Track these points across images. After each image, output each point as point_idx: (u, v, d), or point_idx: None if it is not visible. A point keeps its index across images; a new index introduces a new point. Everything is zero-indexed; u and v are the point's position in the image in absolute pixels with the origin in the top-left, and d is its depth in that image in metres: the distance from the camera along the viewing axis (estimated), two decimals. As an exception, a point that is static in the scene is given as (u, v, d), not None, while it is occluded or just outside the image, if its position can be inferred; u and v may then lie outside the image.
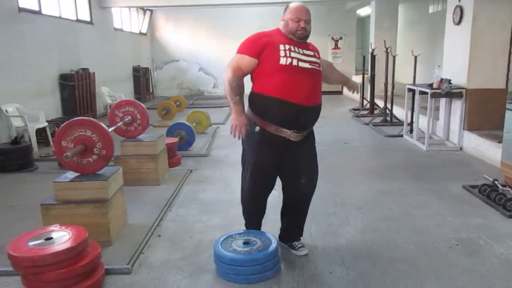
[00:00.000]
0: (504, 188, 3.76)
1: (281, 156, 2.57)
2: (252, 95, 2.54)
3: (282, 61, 2.41)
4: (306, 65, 2.46)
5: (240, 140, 2.58)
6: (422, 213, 3.45)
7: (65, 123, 2.92)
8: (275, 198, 2.99)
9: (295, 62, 2.42)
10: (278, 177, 2.71)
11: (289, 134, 2.48)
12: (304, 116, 2.48)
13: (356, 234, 3.08)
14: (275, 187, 2.74)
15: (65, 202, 2.84)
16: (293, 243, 2.82)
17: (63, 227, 2.45)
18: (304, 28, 2.49)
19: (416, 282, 2.42)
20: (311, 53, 2.54)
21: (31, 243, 2.26)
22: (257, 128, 2.49)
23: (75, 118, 2.98)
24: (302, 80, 2.43)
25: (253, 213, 2.85)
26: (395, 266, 2.60)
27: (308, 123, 2.56)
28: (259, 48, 2.46)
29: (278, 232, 2.89)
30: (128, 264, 2.64)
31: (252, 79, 2.55)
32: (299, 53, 2.46)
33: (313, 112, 2.54)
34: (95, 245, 2.45)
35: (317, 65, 2.55)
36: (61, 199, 2.85)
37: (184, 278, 2.52)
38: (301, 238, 2.86)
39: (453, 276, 2.48)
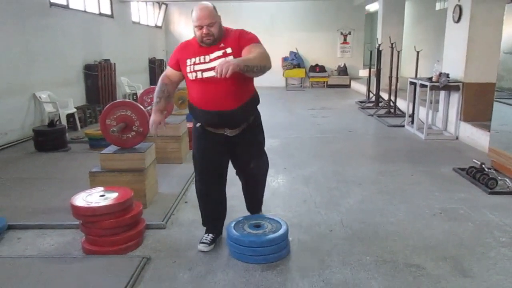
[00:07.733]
0: (489, 170, 4.22)
1: (228, 147, 2.74)
2: (188, 102, 2.76)
3: (189, 76, 2.55)
4: (211, 74, 2.43)
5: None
6: (413, 189, 3.94)
7: (109, 104, 3.46)
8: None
9: (199, 75, 2.51)
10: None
11: (224, 130, 2.65)
12: (225, 119, 2.59)
13: (354, 204, 3.59)
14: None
15: (109, 171, 3.39)
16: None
17: (110, 189, 2.99)
18: (208, 33, 2.46)
19: (402, 238, 2.93)
20: (219, 53, 2.50)
21: (89, 199, 2.79)
22: (198, 124, 2.72)
23: (117, 100, 3.52)
24: (210, 90, 2.52)
25: (207, 208, 2.90)
26: (386, 227, 3.11)
27: (233, 123, 2.65)
28: (176, 62, 2.63)
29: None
30: (162, 221, 3.18)
31: None
32: (204, 62, 2.50)
33: (232, 116, 2.58)
34: (138, 203, 2.99)
35: None
36: (106, 168, 3.40)
37: (209, 232, 3.05)
38: (261, 211, 3.15)
39: (432, 234, 2.98)
